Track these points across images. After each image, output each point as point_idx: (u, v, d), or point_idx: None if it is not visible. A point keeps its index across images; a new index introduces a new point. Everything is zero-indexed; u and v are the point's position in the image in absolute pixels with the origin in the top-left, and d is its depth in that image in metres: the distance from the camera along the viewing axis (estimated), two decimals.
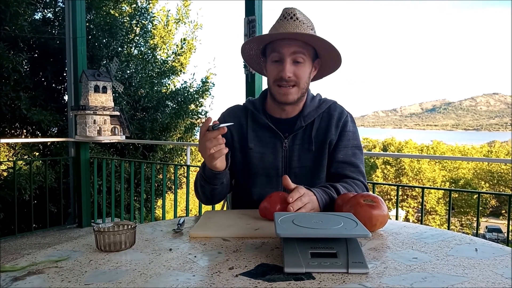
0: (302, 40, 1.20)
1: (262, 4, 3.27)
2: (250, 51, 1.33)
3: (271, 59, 1.23)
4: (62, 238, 4.19)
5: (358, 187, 1.24)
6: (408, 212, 32.68)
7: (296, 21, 1.20)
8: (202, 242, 0.92)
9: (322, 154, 1.28)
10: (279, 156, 1.28)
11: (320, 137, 1.28)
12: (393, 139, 45.09)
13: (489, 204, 35.14)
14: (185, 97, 7.78)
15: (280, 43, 1.20)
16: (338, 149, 1.28)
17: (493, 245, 0.90)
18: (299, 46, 1.20)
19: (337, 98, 1.35)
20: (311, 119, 1.28)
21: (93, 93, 4.09)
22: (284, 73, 1.19)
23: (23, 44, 5.81)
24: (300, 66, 1.21)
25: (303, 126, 1.27)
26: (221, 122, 1.05)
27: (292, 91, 1.23)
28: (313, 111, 1.29)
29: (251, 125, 1.31)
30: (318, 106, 1.31)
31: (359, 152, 1.30)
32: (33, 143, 5.99)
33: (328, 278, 0.69)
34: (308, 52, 1.22)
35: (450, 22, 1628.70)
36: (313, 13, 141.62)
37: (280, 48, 1.20)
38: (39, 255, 0.84)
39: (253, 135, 1.30)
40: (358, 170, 1.28)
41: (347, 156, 1.28)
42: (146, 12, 7.65)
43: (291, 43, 1.19)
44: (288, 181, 1.06)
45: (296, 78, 1.21)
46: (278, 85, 1.23)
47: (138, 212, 5.96)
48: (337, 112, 1.31)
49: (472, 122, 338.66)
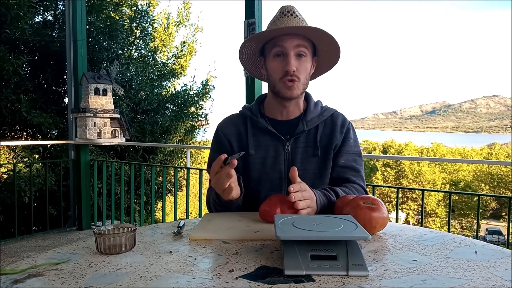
0: (305, 34, 1.22)
1: (262, 7, 3.28)
2: (249, 50, 1.32)
3: (274, 54, 1.23)
4: (62, 241, 4.19)
5: (358, 191, 1.25)
6: (408, 214, 32.63)
7: (296, 18, 1.23)
8: (202, 245, 0.92)
9: (327, 159, 1.29)
10: (281, 159, 1.28)
11: (325, 142, 1.29)
12: (393, 141, 45.07)
13: (489, 206, 35.10)
14: (185, 100, 7.79)
15: (283, 37, 1.21)
16: (340, 154, 1.29)
17: (493, 247, 0.90)
18: (302, 40, 1.21)
19: (337, 101, 1.42)
20: (314, 125, 1.29)
21: (93, 95, 4.09)
22: (289, 66, 1.19)
23: (23, 46, 5.83)
24: (302, 60, 1.22)
25: (305, 130, 1.28)
26: (220, 137, 1.06)
27: (296, 86, 1.23)
28: (316, 118, 1.31)
29: (251, 131, 1.31)
30: (320, 113, 1.32)
31: (360, 159, 1.33)
32: (33, 145, 6.00)
33: (328, 281, 0.69)
34: (309, 47, 1.24)
35: (450, 24, 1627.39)
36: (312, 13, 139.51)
37: (283, 42, 1.20)
38: (39, 258, 0.84)
39: (253, 140, 1.30)
40: (359, 174, 1.30)
41: (348, 161, 1.29)
42: (147, 15, 7.67)
43: (294, 37, 1.21)
44: (296, 174, 1.06)
45: (299, 73, 1.22)
46: (285, 80, 1.22)
47: (138, 214, 5.96)
48: (340, 119, 1.33)
49: (472, 124, 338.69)
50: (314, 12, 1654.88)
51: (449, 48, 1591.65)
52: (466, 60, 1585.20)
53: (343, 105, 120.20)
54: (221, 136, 1.33)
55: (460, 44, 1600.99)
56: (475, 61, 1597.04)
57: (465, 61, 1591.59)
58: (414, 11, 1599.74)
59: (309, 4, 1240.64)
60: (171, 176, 6.35)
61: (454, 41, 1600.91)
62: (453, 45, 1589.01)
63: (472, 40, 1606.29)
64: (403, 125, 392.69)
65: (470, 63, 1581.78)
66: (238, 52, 1.32)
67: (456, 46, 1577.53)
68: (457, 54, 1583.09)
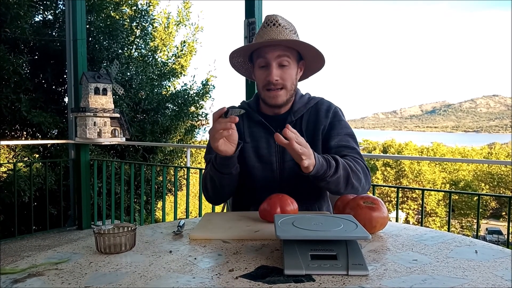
0: (285, 45, 1.26)
1: (262, 6, 3.28)
2: (238, 59, 1.40)
3: (258, 65, 1.30)
4: (62, 240, 4.19)
5: (357, 163, 1.22)
6: (408, 214, 32.64)
7: (279, 27, 1.27)
8: (202, 244, 0.92)
9: (315, 145, 1.30)
10: (272, 150, 1.32)
11: (311, 127, 1.33)
12: (393, 141, 45.08)
13: (489, 206, 35.10)
14: (186, 99, 7.79)
15: (265, 49, 1.27)
16: (332, 137, 1.30)
17: (493, 247, 0.90)
18: (283, 50, 1.26)
19: (337, 100, 1.37)
20: (300, 114, 1.34)
21: (93, 95, 4.09)
22: (271, 77, 1.26)
23: (23, 46, 5.82)
24: (285, 69, 1.28)
25: (293, 120, 1.33)
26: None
27: (281, 93, 1.29)
28: (302, 107, 1.35)
29: (247, 123, 1.38)
30: (307, 102, 1.37)
31: (353, 140, 1.32)
32: (33, 145, 6.00)
33: (328, 280, 0.69)
34: (292, 55, 1.28)
35: (450, 24, 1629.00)
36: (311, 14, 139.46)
37: (265, 54, 1.26)
38: (39, 257, 0.84)
39: (248, 131, 1.36)
40: (355, 151, 1.28)
41: (341, 141, 1.29)
42: (147, 14, 7.67)
43: (276, 48, 1.26)
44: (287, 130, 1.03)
45: (283, 80, 1.28)
46: (267, 89, 1.29)
47: (138, 214, 5.96)
48: (324, 105, 1.37)
49: (472, 124, 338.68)
50: (313, 12, 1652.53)
51: (449, 48, 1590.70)
52: (466, 59, 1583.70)
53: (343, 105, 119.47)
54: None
55: (460, 43, 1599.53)
56: (475, 60, 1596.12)
57: (465, 60, 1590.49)
58: (414, 11, 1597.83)
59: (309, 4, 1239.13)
60: (171, 176, 6.35)
61: (454, 41, 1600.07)
62: (453, 44, 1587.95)
63: (472, 39, 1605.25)
64: (403, 124, 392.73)
65: (470, 62, 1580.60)
66: (229, 61, 1.40)
67: (456, 46, 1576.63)
68: (457, 54, 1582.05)
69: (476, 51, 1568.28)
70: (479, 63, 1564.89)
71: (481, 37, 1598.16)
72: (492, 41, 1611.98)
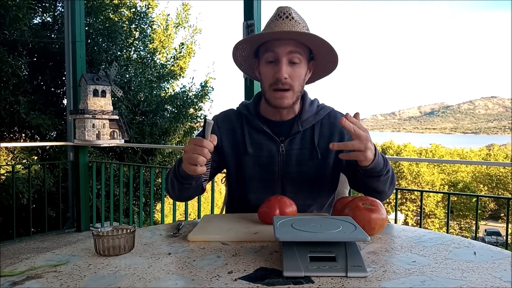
0: (300, 40, 1.15)
1: (261, 8, 3.29)
2: (242, 52, 1.27)
3: (265, 60, 1.18)
4: (61, 243, 4.17)
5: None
6: (407, 215, 32.65)
7: (292, 20, 1.15)
8: (201, 246, 0.92)
9: (326, 163, 1.23)
10: (275, 160, 1.23)
11: (324, 144, 1.23)
12: (391, 142, 45.13)
13: (488, 207, 35.15)
14: (184, 101, 7.80)
15: (276, 43, 1.15)
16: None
17: (492, 248, 0.90)
18: (295, 46, 1.15)
19: (336, 102, 1.31)
20: (309, 125, 1.24)
21: (92, 97, 4.09)
22: (281, 74, 1.14)
23: (22, 48, 5.82)
24: (296, 67, 1.16)
25: (300, 131, 1.23)
26: (214, 128, 1.01)
27: (287, 95, 1.17)
28: (312, 117, 1.25)
29: (247, 129, 1.27)
30: (316, 112, 1.27)
31: None
32: (32, 147, 5.99)
33: (327, 282, 0.69)
34: (304, 53, 1.18)
35: (448, 25, 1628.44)
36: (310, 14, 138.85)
37: (275, 48, 1.14)
38: (37, 260, 0.84)
39: (249, 138, 1.26)
40: None
41: None
42: (145, 16, 7.68)
43: (287, 42, 1.14)
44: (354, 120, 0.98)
45: (291, 80, 1.16)
46: (274, 89, 1.17)
47: (137, 216, 5.96)
48: (337, 118, 1.26)
49: (470, 126, 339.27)
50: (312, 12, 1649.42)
51: (447, 49, 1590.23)
52: (465, 61, 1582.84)
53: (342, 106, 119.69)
54: (215, 128, 1.29)
55: (459, 45, 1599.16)
56: (473, 62, 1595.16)
57: (464, 62, 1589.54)
58: (412, 12, 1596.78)
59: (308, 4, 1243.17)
60: None
61: (453, 42, 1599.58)
62: (452, 46, 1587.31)
63: (471, 41, 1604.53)
64: (401, 126, 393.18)
65: (469, 64, 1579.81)
66: (232, 53, 1.27)
67: (454, 47, 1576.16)
68: (455, 55, 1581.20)
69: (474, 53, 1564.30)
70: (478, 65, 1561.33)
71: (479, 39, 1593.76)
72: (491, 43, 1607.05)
